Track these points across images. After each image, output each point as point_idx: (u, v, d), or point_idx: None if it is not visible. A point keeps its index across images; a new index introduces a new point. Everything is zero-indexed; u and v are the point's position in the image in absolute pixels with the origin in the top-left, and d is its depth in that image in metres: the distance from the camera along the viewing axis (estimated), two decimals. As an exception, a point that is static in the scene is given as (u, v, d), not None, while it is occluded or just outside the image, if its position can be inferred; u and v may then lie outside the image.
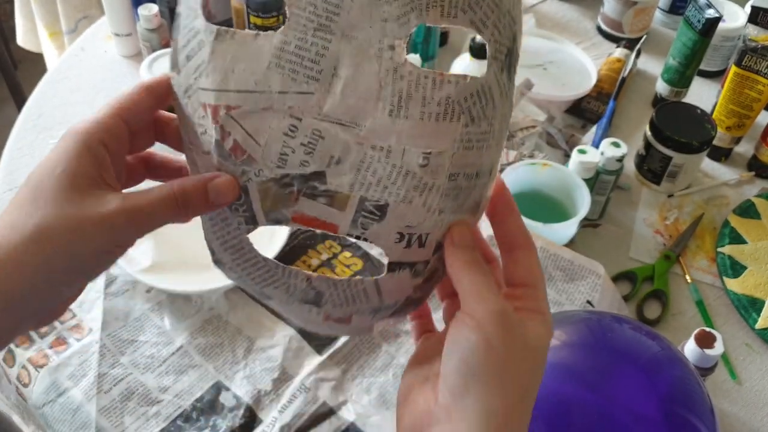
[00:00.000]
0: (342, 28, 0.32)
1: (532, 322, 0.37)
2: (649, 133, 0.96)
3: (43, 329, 0.76)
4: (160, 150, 0.42)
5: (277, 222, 0.37)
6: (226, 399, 0.73)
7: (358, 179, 0.35)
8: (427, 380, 0.38)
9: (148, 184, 0.39)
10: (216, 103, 0.35)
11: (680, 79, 1.07)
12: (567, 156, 0.97)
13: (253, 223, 0.38)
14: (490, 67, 0.35)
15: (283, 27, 0.33)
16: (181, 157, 0.41)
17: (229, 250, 0.40)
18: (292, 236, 0.85)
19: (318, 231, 0.38)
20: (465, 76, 0.34)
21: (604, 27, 1.22)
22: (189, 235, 0.85)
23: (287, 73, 0.33)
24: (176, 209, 0.36)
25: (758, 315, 0.85)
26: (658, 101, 1.11)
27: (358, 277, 0.39)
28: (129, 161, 0.41)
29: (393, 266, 0.38)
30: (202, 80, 0.35)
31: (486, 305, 0.35)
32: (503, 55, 0.36)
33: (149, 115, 0.40)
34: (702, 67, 1.10)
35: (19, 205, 0.34)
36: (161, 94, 0.39)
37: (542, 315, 0.37)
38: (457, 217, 0.38)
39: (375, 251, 0.85)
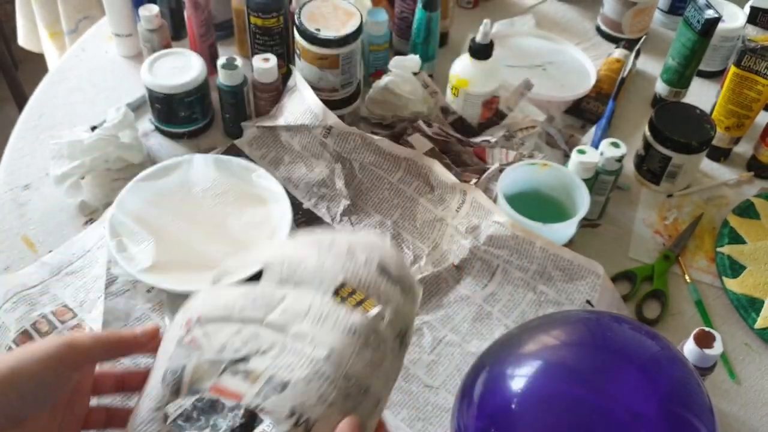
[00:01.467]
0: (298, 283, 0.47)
1: None
2: (648, 133, 0.96)
3: (44, 329, 0.77)
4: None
5: (195, 393, 0.46)
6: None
7: (273, 363, 0.44)
8: None
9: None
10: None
11: (679, 79, 1.07)
12: (566, 156, 0.98)
13: (175, 396, 0.46)
14: (388, 338, 0.46)
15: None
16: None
17: None
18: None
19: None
20: (375, 316, 0.46)
21: (603, 27, 1.22)
22: (189, 235, 0.86)
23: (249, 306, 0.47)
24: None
25: (757, 315, 0.85)
26: (657, 101, 1.11)
27: None
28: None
29: None
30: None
31: None
32: (403, 335, 0.48)
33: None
34: (701, 67, 1.10)
35: None
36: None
37: None
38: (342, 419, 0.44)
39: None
